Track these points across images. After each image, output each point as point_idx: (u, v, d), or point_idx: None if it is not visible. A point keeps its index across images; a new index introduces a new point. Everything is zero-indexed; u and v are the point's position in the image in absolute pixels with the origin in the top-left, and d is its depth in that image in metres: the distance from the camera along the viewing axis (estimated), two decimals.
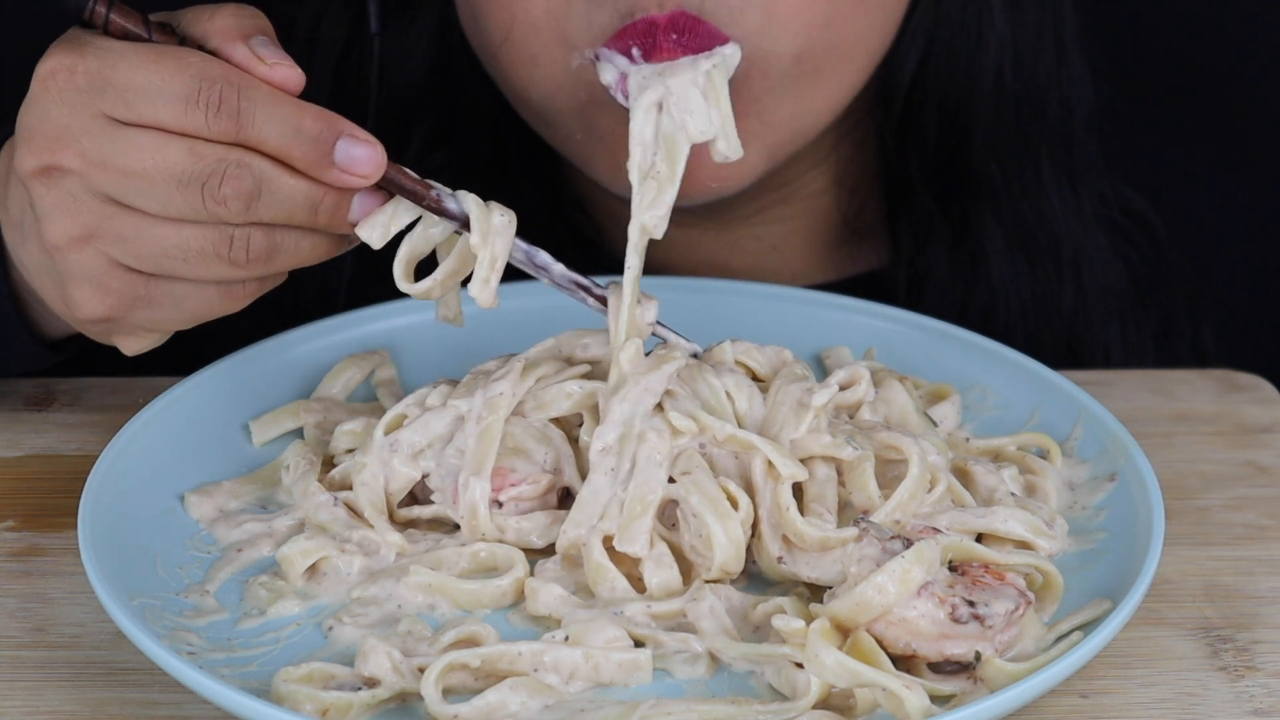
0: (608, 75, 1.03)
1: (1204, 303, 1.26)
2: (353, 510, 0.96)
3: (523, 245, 0.97)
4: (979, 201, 1.20)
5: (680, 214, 1.18)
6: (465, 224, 0.95)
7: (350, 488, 0.97)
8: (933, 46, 1.18)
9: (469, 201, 0.95)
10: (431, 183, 0.94)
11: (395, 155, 0.94)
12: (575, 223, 1.24)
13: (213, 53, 0.91)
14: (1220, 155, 1.30)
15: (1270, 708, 0.87)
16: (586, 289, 0.98)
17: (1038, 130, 1.20)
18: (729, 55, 1.03)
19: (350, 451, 1.00)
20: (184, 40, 0.92)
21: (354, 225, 0.93)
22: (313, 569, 0.93)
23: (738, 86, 1.05)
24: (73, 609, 0.93)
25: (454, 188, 0.95)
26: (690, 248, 1.22)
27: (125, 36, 0.91)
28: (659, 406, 0.94)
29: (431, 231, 0.95)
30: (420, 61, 1.21)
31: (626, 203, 0.99)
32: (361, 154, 0.91)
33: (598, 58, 1.04)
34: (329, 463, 1.00)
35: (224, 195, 0.89)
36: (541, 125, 1.14)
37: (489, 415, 0.95)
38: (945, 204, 1.20)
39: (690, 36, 1.03)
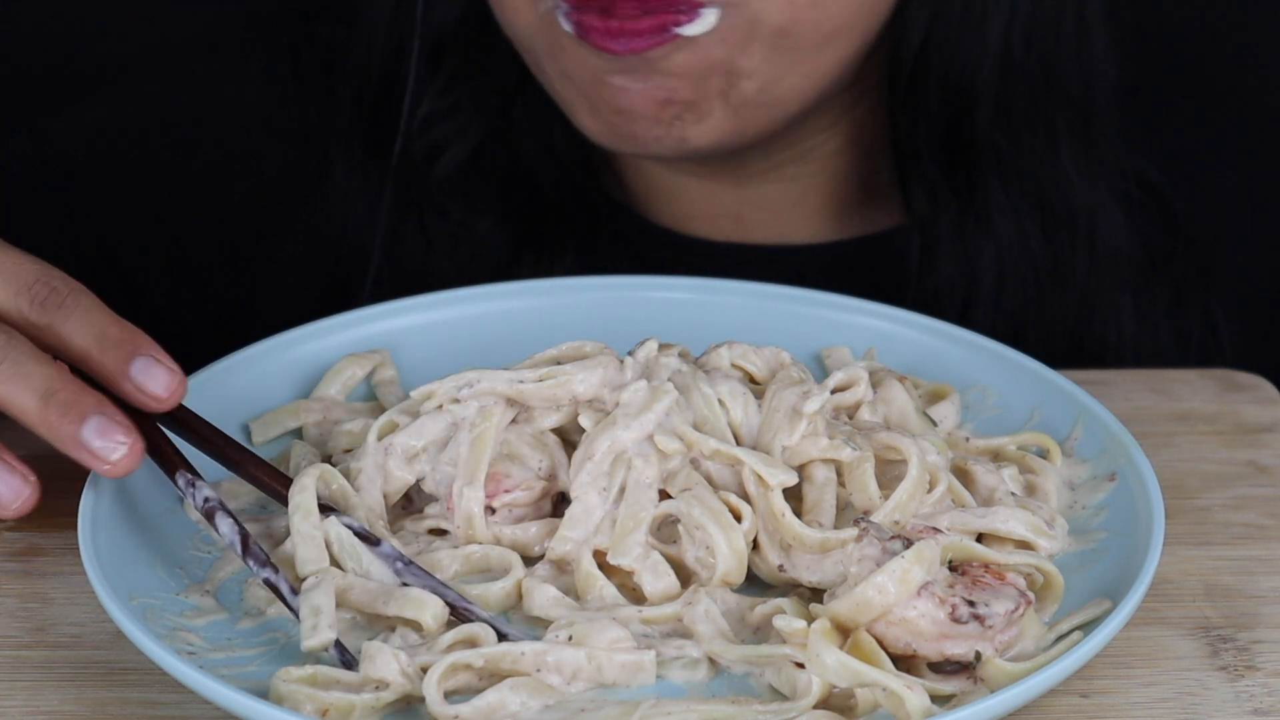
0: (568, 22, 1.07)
1: (1218, 274, 1.26)
2: None
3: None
4: (985, 172, 1.20)
5: (695, 165, 1.20)
6: (241, 541, 0.91)
7: None
8: (936, 25, 1.18)
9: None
10: (197, 473, 0.93)
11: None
12: (604, 183, 1.25)
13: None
14: (1241, 137, 1.31)
15: (1270, 708, 0.87)
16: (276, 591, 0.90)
17: (1053, 104, 1.20)
18: (705, 19, 1.05)
19: (349, 451, 1.00)
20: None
21: (86, 445, 0.90)
22: None
23: (712, 42, 1.07)
24: (73, 609, 0.93)
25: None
26: (707, 200, 1.23)
27: None
28: None
29: None
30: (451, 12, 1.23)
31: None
32: (159, 373, 0.92)
33: (557, 9, 1.06)
34: (328, 462, 1.00)
35: None
36: (536, 73, 1.15)
37: (482, 423, 0.95)
38: (952, 172, 1.21)
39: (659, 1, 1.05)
